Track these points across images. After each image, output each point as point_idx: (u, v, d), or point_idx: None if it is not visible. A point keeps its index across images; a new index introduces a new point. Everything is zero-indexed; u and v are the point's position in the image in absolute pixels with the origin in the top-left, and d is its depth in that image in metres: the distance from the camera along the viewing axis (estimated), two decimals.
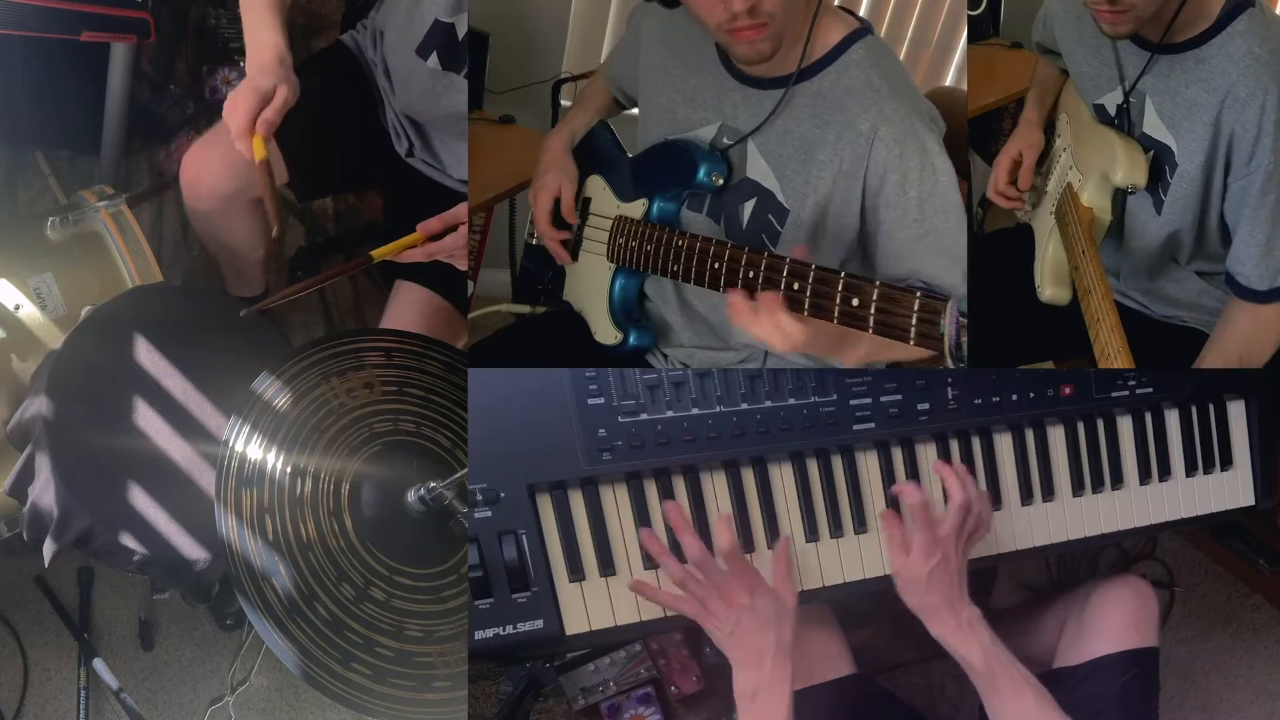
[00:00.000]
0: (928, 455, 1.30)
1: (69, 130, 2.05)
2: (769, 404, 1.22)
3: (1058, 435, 1.39)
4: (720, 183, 1.40)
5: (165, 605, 1.84)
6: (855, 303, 1.09)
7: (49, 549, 1.30)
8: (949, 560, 1.20)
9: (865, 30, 1.34)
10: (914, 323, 1.05)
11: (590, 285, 1.57)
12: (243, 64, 1.40)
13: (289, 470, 1.18)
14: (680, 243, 1.36)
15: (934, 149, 1.28)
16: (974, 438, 1.34)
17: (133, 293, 1.53)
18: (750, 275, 1.22)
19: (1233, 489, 1.52)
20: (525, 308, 1.75)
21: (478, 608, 1.11)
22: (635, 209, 1.50)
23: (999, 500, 1.34)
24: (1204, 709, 1.95)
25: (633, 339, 1.53)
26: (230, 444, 1.17)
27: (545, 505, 1.15)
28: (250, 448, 1.17)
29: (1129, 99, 1.49)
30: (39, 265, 1.53)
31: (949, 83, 2.66)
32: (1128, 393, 1.43)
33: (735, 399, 1.21)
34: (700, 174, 1.40)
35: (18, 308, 1.49)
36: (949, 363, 1.03)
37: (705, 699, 1.79)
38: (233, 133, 1.34)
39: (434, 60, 1.57)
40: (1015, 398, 1.35)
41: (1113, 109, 1.53)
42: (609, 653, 1.79)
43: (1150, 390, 1.44)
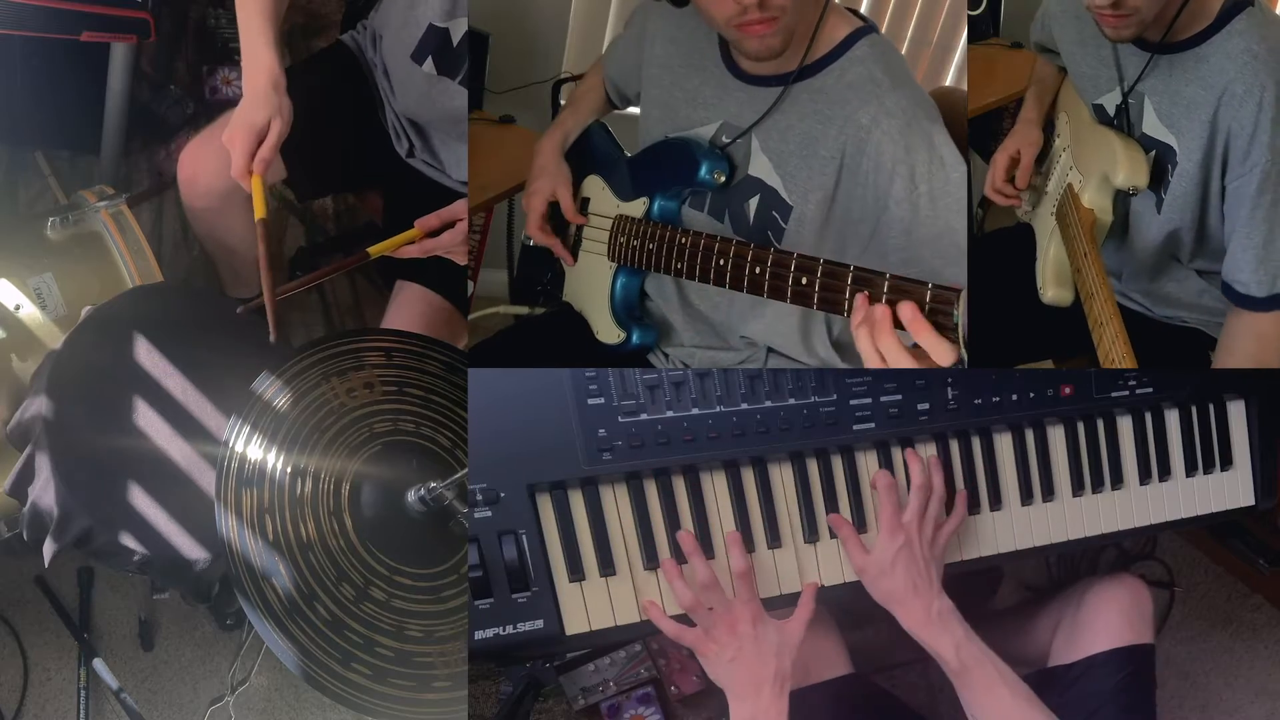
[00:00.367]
0: (928, 455, 1.30)
1: (69, 130, 2.05)
2: (769, 404, 1.22)
3: (1058, 435, 1.39)
4: (722, 180, 1.40)
5: (165, 605, 1.84)
6: (866, 295, 1.08)
7: (49, 549, 1.30)
8: (913, 545, 1.20)
9: (869, 28, 1.34)
10: (926, 314, 1.04)
11: (591, 285, 1.57)
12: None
13: (289, 470, 1.18)
14: (684, 240, 1.36)
15: (940, 140, 1.27)
16: (974, 438, 1.34)
17: (133, 293, 1.53)
18: (757, 271, 1.22)
19: (1233, 489, 1.52)
20: (524, 309, 1.75)
21: (478, 608, 1.11)
22: (635, 208, 1.49)
23: (999, 500, 1.34)
24: (1204, 709, 1.95)
25: (635, 337, 1.53)
26: (230, 444, 1.17)
27: (545, 505, 1.15)
28: (250, 448, 1.17)
29: (1128, 99, 1.49)
30: (39, 265, 1.53)
31: (949, 83, 2.66)
32: (1128, 393, 1.43)
33: (735, 399, 1.21)
34: (702, 172, 1.40)
35: (18, 308, 1.48)
36: (962, 352, 1.02)
37: (705, 699, 1.79)
38: (232, 171, 1.39)
39: (429, 65, 1.57)
40: (1015, 398, 1.35)
41: (1111, 109, 1.53)
42: (609, 653, 1.79)
43: (1150, 390, 1.44)
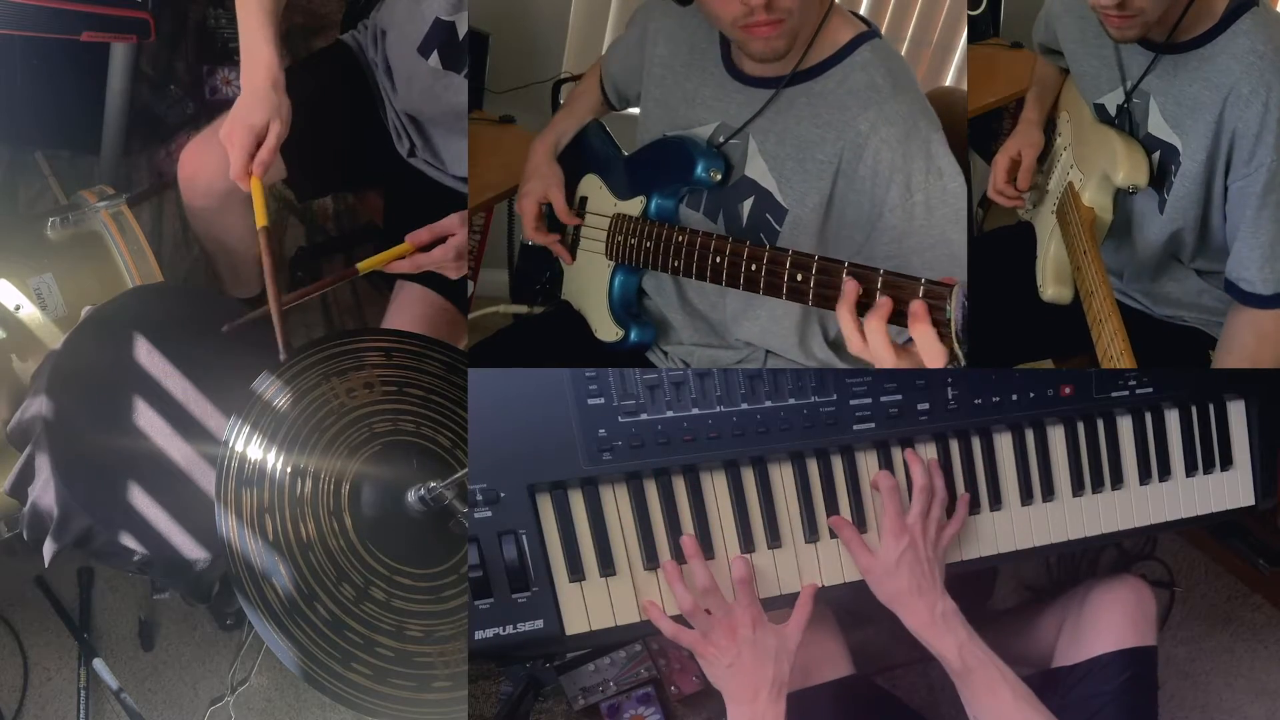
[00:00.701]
0: (928, 455, 1.30)
1: (69, 130, 2.05)
2: (769, 404, 1.22)
3: (1058, 435, 1.39)
4: (718, 178, 1.40)
5: (165, 605, 1.84)
6: (860, 291, 1.08)
7: (49, 549, 1.30)
8: (917, 546, 1.20)
9: (873, 33, 1.33)
10: None
11: (589, 283, 1.57)
12: None
13: (289, 470, 1.18)
14: (680, 238, 1.36)
15: (939, 150, 1.27)
16: (974, 438, 1.34)
17: (133, 293, 1.53)
18: (752, 269, 1.22)
19: (1233, 489, 1.52)
20: (523, 308, 1.75)
21: (478, 608, 1.11)
22: (633, 206, 1.50)
23: (999, 500, 1.34)
24: (1204, 709, 1.95)
25: (634, 335, 1.53)
26: (230, 444, 1.17)
27: (545, 505, 1.15)
28: (250, 448, 1.17)
29: (1131, 99, 1.49)
30: (39, 265, 1.53)
31: (949, 83, 2.65)
32: (1128, 393, 1.43)
33: (735, 399, 1.21)
34: (698, 170, 1.40)
35: (18, 308, 1.49)
36: (955, 347, 1.03)
37: (705, 699, 1.79)
38: (231, 173, 1.39)
39: (435, 59, 1.57)
40: (1015, 398, 1.35)
41: (1113, 109, 1.53)
42: (609, 653, 1.79)
43: (1150, 390, 1.44)
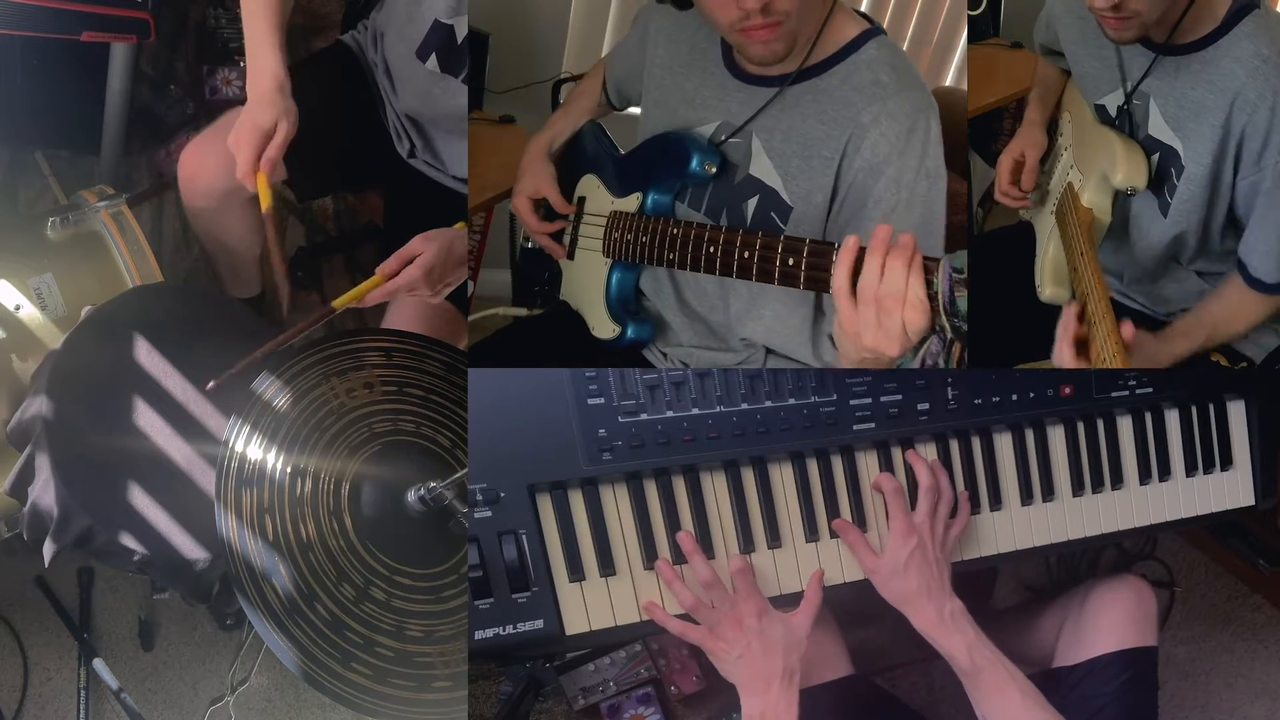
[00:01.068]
0: (928, 455, 1.30)
1: (69, 130, 2.05)
2: (769, 404, 1.22)
3: (1058, 435, 1.39)
4: (713, 171, 1.39)
5: (165, 605, 1.84)
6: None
7: (49, 549, 1.30)
8: (925, 546, 1.21)
9: (878, 30, 1.33)
10: None
11: (587, 282, 1.57)
12: (243, 64, 1.41)
13: (289, 470, 1.18)
14: (675, 231, 1.36)
15: (933, 151, 1.27)
16: (974, 438, 1.34)
17: (133, 293, 1.53)
18: (745, 256, 1.22)
19: (1233, 489, 1.52)
20: (523, 310, 1.75)
21: (478, 608, 1.11)
22: (630, 203, 1.49)
23: (999, 500, 1.34)
24: (1204, 709, 1.95)
25: (630, 331, 1.52)
26: (230, 444, 1.17)
27: (545, 505, 1.15)
28: (250, 448, 1.17)
29: (1131, 100, 1.49)
30: (39, 265, 1.53)
31: (949, 83, 2.66)
32: (1128, 393, 1.43)
33: (735, 399, 1.21)
34: (693, 164, 1.39)
35: (18, 308, 1.48)
36: (944, 321, 1.03)
37: (705, 699, 1.79)
38: (238, 172, 1.39)
39: (433, 62, 1.57)
40: (1015, 398, 1.35)
41: (1113, 110, 1.53)
42: (609, 653, 1.79)
43: (1150, 390, 1.44)
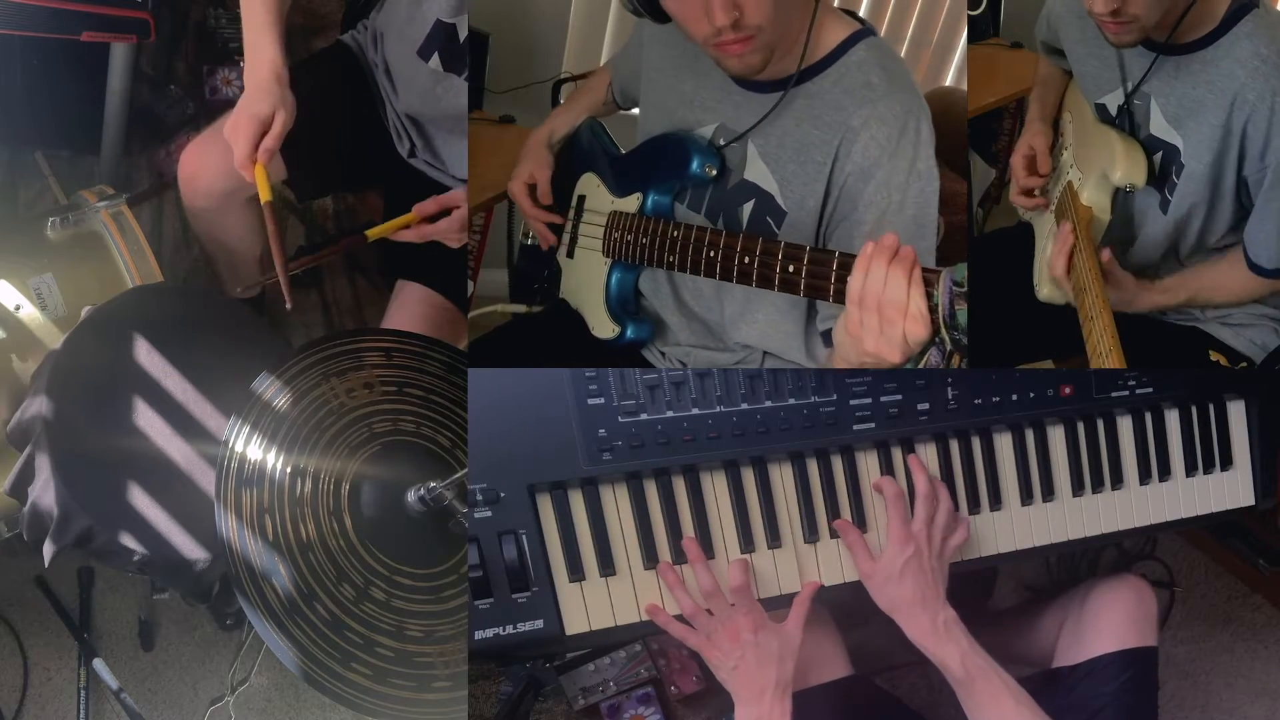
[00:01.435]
0: (928, 455, 1.30)
1: (69, 130, 2.05)
2: (769, 404, 1.22)
3: (1058, 435, 1.39)
4: (713, 174, 1.39)
5: (165, 605, 1.84)
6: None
7: (49, 549, 1.30)
8: (922, 555, 1.21)
9: (867, 31, 1.33)
10: None
11: (586, 281, 1.57)
12: (242, 64, 1.41)
13: (289, 470, 1.18)
14: (675, 233, 1.36)
15: (925, 153, 1.27)
16: (974, 438, 1.34)
17: (133, 293, 1.53)
18: (746, 261, 1.23)
19: (1233, 489, 1.52)
20: (521, 307, 1.75)
21: (478, 608, 1.11)
22: (630, 203, 1.49)
23: (999, 500, 1.34)
24: (1204, 709, 1.95)
25: (630, 332, 1.52)
26: (230, 444, 1.17)
27: (545, 505, 1.15)
28: (250, 448, 1.17)
29: (1131, 99, 1.49)
30: (39, 265, 1.53)
31: (949, 83, 2.66)
32: (1128, 393, 1.43)
33: (735, 399, 1.21)
34: (693, 166, 1.39)
35: (18, 308, 1.48)
36: (944, 333, 1.03)
37: (705, 699, 1.79)
38: (235, 161, 1.38)
39: (435, 61, 1.57)
40: (1015, 398, 1.35)
41: (1114, 109, 1.53)
42: (609, 653, 1.79)
43: (1150, 390, 1.44)
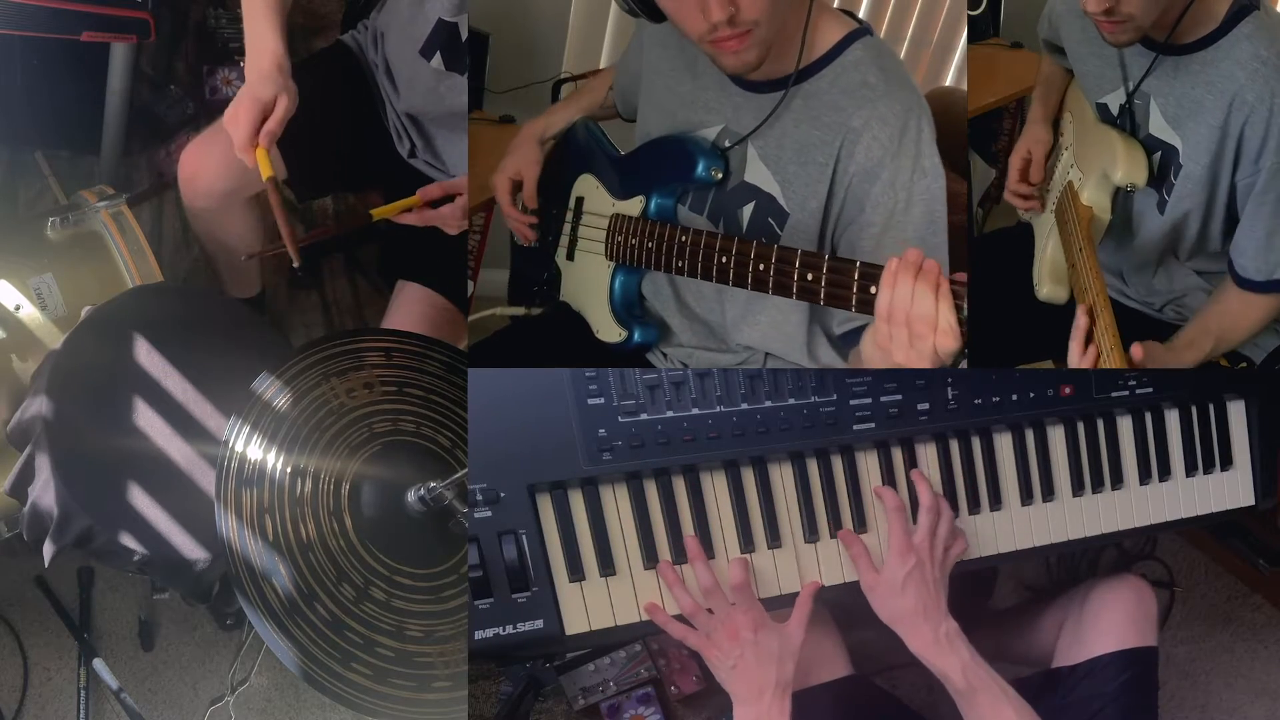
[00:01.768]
0: (928, 455, 1.30)
1: (69, 130, 2.05)
2: (769, 404, 1.22)
3: (1058, 435, 1.39)
4: (719, 177, 1.39)
5: (165, 605, 1.84)
6: (873, 290, 1.09)
7: (49, 549, 1.30)
8: (924, 566, 1.20)
9: (864, 30, 1.32)
10: None
11: (589, 284, 1.57)
12: (243, 64, 1.41)
13: (289, 470, 1.18)
14: (684, 239, 1.35)
15: (927, 150, 1.27)
16: (974, 438, 1.34)
17: (133, 293, 1.53)
18: (760, 268, 1.22)
19: (1233, 489, 1.52)
20: (520, 310, 1.75)
21: (478, 608, 1.11)
22: (632, 206, 1.49)
23: (999, 500, 1.34)
24: (1204, 709, 1.95)
25: (638, 335, 1.52)
26: (230, 444, 1.17)
27: (545, 505, 1.15)
28: (250, 448, 1.17)
29: (1132, 99, 1.49)
30: (39, 265, 1.53)
31: (949, 83, 2.66)
32: (1128, 393, 1.43)
33: (735, 399, 1.21)
34: (699, 169, 1.38)
35: (18, 308, 1.49)
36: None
37: (705, 699, 1.79)
38: (235, 145, 1.36)
39: (438, 60, 1.57)
40: (1015, 398, 1.35)
41: (1115, 108, 1.53)
42: (609, 653, 1.79)
43: (1150, 390, 1.44)
